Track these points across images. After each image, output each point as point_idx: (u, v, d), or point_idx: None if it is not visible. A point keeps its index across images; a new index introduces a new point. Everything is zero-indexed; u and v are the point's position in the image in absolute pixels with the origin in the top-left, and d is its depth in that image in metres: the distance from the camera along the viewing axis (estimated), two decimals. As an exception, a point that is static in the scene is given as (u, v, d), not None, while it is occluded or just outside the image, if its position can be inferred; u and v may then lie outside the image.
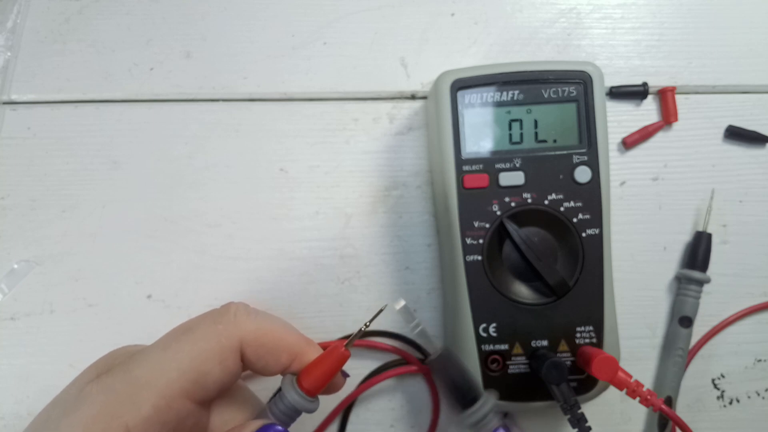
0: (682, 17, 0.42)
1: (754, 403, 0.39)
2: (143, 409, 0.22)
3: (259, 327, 0.26)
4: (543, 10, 0.41)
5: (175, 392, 0.23)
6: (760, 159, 0.40)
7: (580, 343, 0.33)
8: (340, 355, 0.26)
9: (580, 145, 0.34)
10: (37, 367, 0.37)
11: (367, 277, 0.38)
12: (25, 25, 0.40)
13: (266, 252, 0.38)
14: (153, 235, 0.38)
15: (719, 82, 0.41)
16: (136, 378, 0.23)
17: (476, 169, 0.34)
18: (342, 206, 0.39)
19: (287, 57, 0.40)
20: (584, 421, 0.30)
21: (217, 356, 0.24)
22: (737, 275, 0.39)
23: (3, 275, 0.38)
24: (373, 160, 0.39)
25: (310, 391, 0.26)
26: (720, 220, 0.40)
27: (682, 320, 0.38)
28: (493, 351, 0.33)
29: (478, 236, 0.33)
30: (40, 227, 0.38)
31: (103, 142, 0.39)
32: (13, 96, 0.39)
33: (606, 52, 0.41)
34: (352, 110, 0.40)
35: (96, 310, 0.37)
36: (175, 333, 0.25)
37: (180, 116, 0.39)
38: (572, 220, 0.34)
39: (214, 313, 0.26)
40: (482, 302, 0.33)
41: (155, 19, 0.40)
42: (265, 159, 0.39)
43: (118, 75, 0.40)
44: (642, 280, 0.39)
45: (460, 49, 0.41)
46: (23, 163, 0.39)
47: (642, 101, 0.40)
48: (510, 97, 0.34)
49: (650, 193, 0.40)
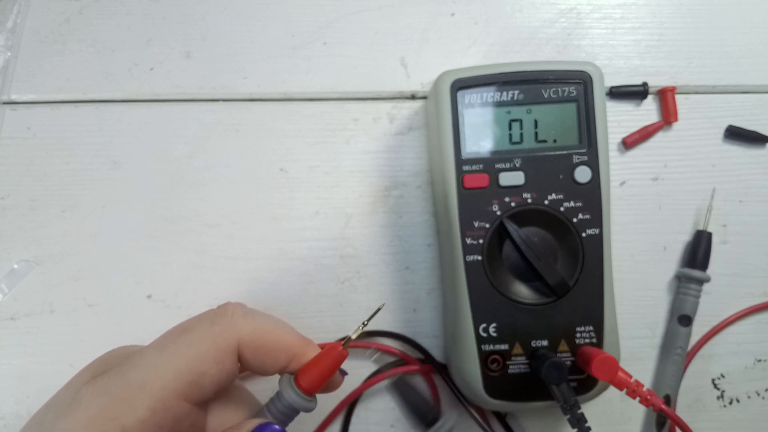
0: (682, 17, 0.42)
1: (754, 403, 0.39)
2: (139, 411, 0.22)
3: (257, 327, 0.26)
4: (543, 10, 0.41)
5: (171, 394, 0.23)
6: (760, 159, 0.40)
7: (580, 343, 0.33)
8: (337, 354, 0.26)
9: (580, 145, 0.34)
10: (37, 367, 0.37)
11: (367, 277, 0.38)
12: (25, 25, 0.40)
13: (266, 252, 0.38)
14: (153, 235, 0.38)
15: (719, 82, 0.41)
16: (132, 380, 0.23)
17: (476, 169, 0.34)
18: (342, 206, 0.39)
19: (287, 57, 0.40)
20: (584, 421, 0.30)
21: (214, 357, 0.24)
22: (737, 275, 0.39)
23: (3, 275, 0.38)
24: (373, 160, 0.39)
25: (307, 390, 0.26)
26: (720, 220, 0.40)
27: (682, 319, 0.38)
28: (493, 351, 0.33)
29: (478, 236, 0.33)
30: (40, 227, 0.38)
31: (103, 142, 0.39)
32: (13, 96, 0.39)
33: (606, 52, 0.41)
34: (352, 110, 0.40)
35: (96, 310, 0.37)
36: (171, 334, 0.25)
37: (180, 116, 0.39)
38: (572, 220, 0.33)
39: (210, 314, 0.26)
40: (482, 302, 0.33)
41: (155, 19, 0.40)
42: (265, 159, 0.39)
43: (118, 75, 0.40)
44: (642, 280, 0.39)
45: (460, 49, 0.41)
46: (23, 163, 0.39)
47: (642, 101, 0.40)
48: (510, 97, 0.34)
49: (650, 193, 0.40)
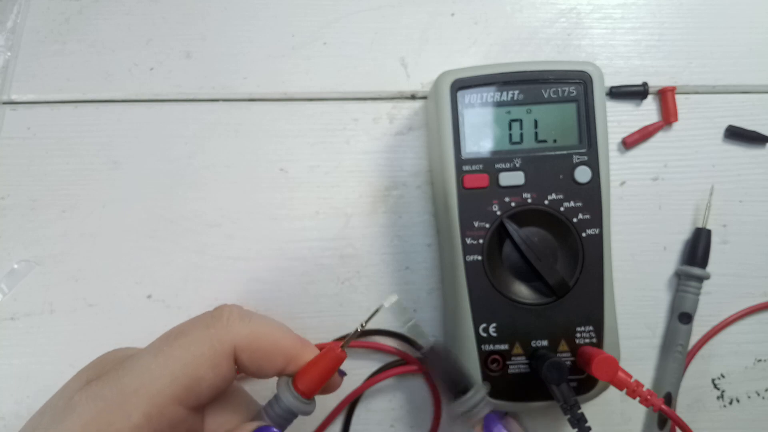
0: (682, 17, 0.42)
1: (754, 403, 0.39)
2: (134, 417, 0.22)
3: (253, 330, 0.25)
4: (543, 10, 0.41)
5: (166, 399, 0.23)
6: (760, 159, 0.40)
7: (580, 343, 0.33)
8: (335, 356, 0.26)
9: (580, 145, 0.34)
10: (37, 367, 0.37)
11: (367, 277, 0.38)
12: (25, 25, 0.40)
13: (266, 252, 0.38)
14: (153, 235, 0.38)
15: (719, 82, 0.41)
16: (126, 385, 0.23)
17: (476, 169, 0.34)
18: (342, 206, 0.39)
19: (287, 57, 0.40)
20: (584, 421, 0.30)
21: (210, 361, 0.24)
22: (737, 275, 0.39)
23: (3, 275, 0.38)
24: (373, 160, 0.39)
25: (305, 393, 0.25)
26: (720, 220, 0.40)
27: (682, 316, 0.38)
28: (493, 351, 0.33)
29: (478, 236, 0.33)
30: (40, 227, 0.38)
31: (103, 142, 0.39)
32: (13, 96, 0.39)
33: (606, 52, 0.41)
34: (352, 110, 0.40)
35: (96, 310, 0.37)
36: (166, 338, 0.25)
37: (180, 116, 0.39)
38: (572, 220, 0.33)
39: (206, 317, 0.26)
40: (482, 302, 0.33)
41: (155, 19, 0.40)
42: (265, 159, 0.39)
43: (118, 75, 0.40)
44: (642, 279, 0.39)
45: (460, 49, 0.41)
46: (23, 163, 0.39)
47: (642, 101, 0.40)
48: (510, 97, 0.34)
49: (650, 193, 0.40)
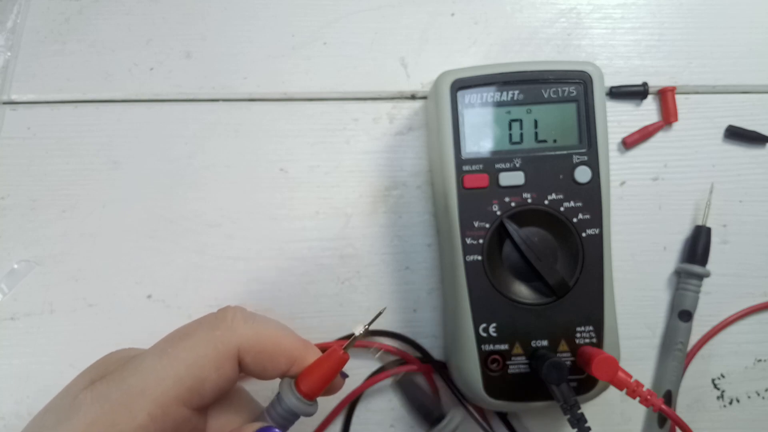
0: (682, 17, 0.42)
1: (754, 403, 0.39)
2: (138, 418, 0.22)
3: (257, 332, 0.25)
4: (543, 10, 0.41)
5: (170, 400, 0.23)
6: (760, 159, 0.40)
7: (580, 343, 0.33)
8: (338, 358, 0.26)
9: (580, 145, 0.34)
10: (37, 367, 0.37)
11: (367, 277, 0.38)
12: (25, 25, 0.40)
13: (266, 252, 0.38)
14: (153, 235, 0.38)
15: (719, 82, 0.41)
16: (131, 386, 0.23)
17: (476, 169, 0.34)
18: (342, 206, 0.39)
19: (287, 57, 0.40)
20: (584, 421, 0.30)
21: (214, 363, 0.24)
22: (737, 275, 0.39)
23: (3, 275, 0.38)
24: (373, 160, 0.39)
25: (308, 394, 0.25)
26: (720, 220, 0.40)
27: (682, 314, 0.38)
28: (493, 351, 0.33)
29: (478, 236, 0.33)
30: (40, 227, 0.38)
31: (103, 142, 0.39)
32: (13, 96, 0.39)
33: (606, 52, 0.41)
34: (352, 110, 0.40)
35: (96, 310, 0.37)
36: (171, 339, 0.25)
37: (180, 116, 0.39)
38: (572, 220, 0.33)
39: (210, 318, 0.26)
40: (482, 302, 0.33)
41: (155, 19, 0.40)
42: (265, 159, 0.39)
43: (118, 75, 0.40)
44: (642, 279, 0.39)
45: (460, 49, 0.41)
46: (23, 163, 0.39)
47: (642, 101, 0.40)
48: (510, 97, 0.34)
49: (650, 193, 0.40)
